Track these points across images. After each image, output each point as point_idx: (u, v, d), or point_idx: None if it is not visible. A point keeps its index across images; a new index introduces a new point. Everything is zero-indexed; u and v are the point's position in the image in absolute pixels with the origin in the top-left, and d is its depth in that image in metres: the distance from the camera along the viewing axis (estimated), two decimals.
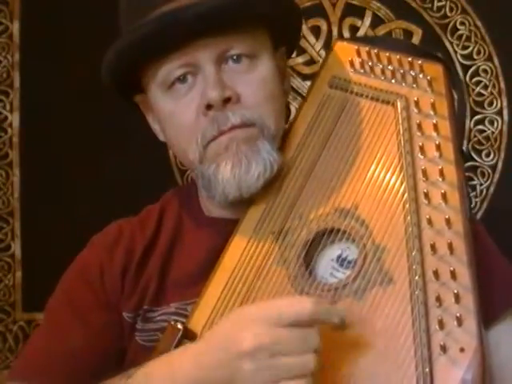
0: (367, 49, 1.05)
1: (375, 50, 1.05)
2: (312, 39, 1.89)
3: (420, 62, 1.02)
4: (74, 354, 1.03)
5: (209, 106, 0.99)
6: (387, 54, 1.04)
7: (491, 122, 1.83)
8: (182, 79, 1.01)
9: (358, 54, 1.06)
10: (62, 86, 1.90)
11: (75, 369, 1.03)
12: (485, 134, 1.83)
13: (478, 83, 1.84)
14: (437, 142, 0.96)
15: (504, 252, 1.07)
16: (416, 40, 1.84)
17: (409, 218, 0.94)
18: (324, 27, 1.89)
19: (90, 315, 1.06)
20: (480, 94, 1.84)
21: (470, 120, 1.83)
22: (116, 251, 1.09)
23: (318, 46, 1.89)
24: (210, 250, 1.04)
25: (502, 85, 1.82)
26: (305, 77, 1.86)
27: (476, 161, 1.83)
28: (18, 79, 1.95)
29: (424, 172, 0.96)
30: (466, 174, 1.81)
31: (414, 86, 1.02)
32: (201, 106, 0.99)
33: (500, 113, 1.83)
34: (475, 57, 1.84)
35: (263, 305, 0.86)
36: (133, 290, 1.06)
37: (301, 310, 0.82)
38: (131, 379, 0.91)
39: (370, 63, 1.05)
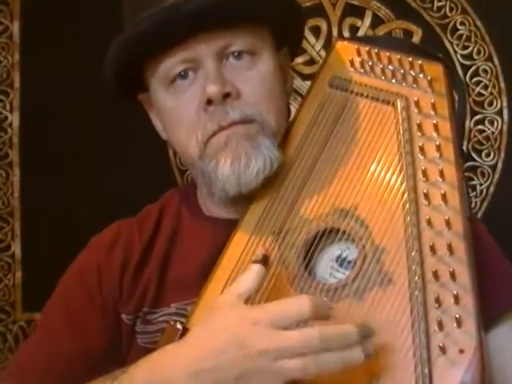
0: (367, 48, 1.05)
1: (375, 50, 1.04)
2: (312, 39, 1.89)
3: (420, 62, 1.02)
4: (60, 357, 1.03)
5: (209, 101, 0.98)
6: (387, 54, 1.04)
7: (491, 122, 1.83)
8: (182, 75, 1.01)
9: (359, 53, 1.06)
10: (62, 86, 1.90)
11: (62, 371, 1.02)
12: (485, 134, 1.83)
13: (478, 83, 1.84)
14: (437, 143, 0.96)
15: (504, 252, 1.07)
16: (416, 40, 1.84)
17: (408, 218, 0.93)
18: (324, 27, 1.89)
19: (84, 320, 1.05)
20: (480, 94, 1.84)
21: (470, 120, 1.83)
22: (114, 251, 1.08)
23: (318, 46, 1.89)
24: (209, 250, 1.03)
25: (502, 85, 1.83)
26: (305, 77, 1.86)
27: (476, 161, 1.83)
28: (18, 79, 1.95)
29: (424, 172, 0.95)
30: (466, 174, 1.82)
31: (415, 86, 1.02)
32: (201, 101, 0.99)
33: (500, 113, 1.83)
34: (475, 57, 1.84)
35: (266, 307, 0.84)
36: (132, 291, 1.06)
37: (301, 309, 0.80)
38: (116, 381, 0.89)
39: (370, 63, 1.04)
